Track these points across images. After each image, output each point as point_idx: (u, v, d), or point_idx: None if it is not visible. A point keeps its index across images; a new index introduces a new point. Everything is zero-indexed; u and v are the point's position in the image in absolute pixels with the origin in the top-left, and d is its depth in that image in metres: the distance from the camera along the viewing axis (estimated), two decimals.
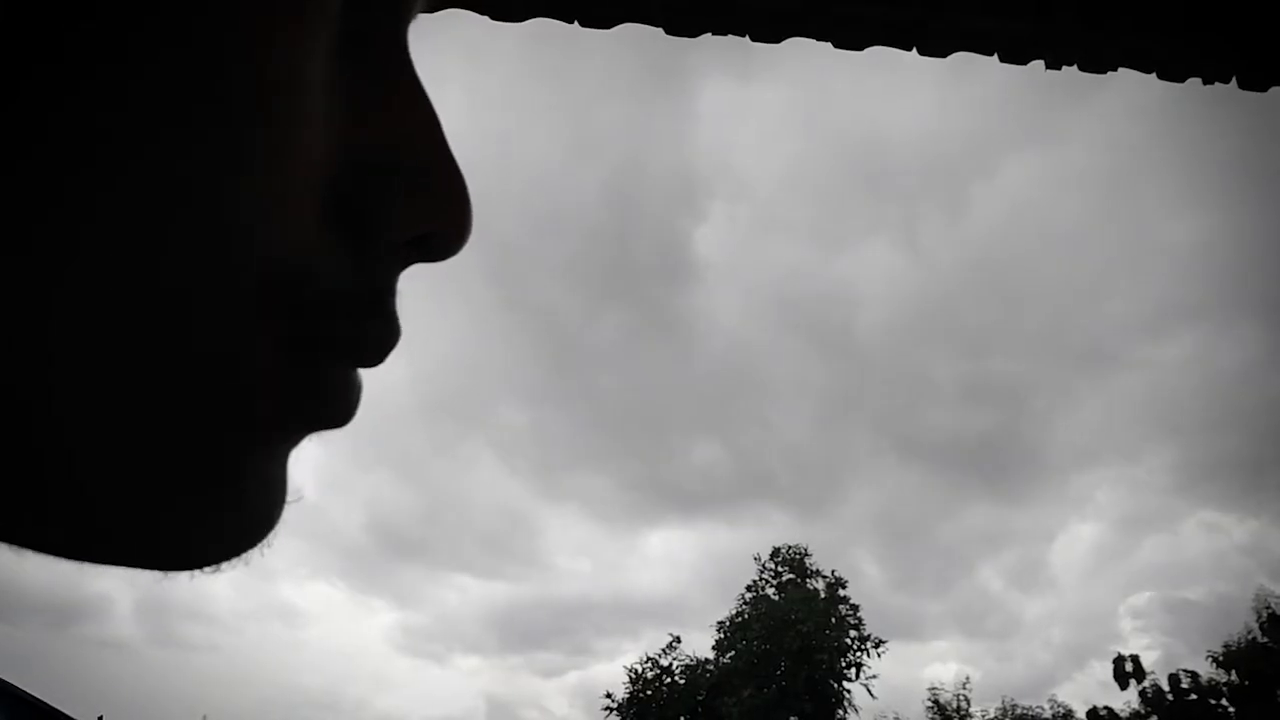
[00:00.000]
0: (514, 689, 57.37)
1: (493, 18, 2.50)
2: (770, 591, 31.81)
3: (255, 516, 0.23)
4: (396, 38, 0.25)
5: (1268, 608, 25.62)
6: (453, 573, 65.77)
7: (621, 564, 62.58)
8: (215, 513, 0.22)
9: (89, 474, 0.20)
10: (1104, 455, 61.69)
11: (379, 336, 0.25)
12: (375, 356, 0.25)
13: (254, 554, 0.24)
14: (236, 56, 0.19)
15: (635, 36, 2.60)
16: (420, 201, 0.25)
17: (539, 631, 60.51)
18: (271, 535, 0.24)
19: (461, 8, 2.43)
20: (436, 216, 0.25)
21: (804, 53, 2.61)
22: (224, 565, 0.24)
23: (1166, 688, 26.50)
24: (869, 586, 52.92)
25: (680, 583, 61.00)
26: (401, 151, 0.24)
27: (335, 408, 0.24)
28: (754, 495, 61.12)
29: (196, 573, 0.23)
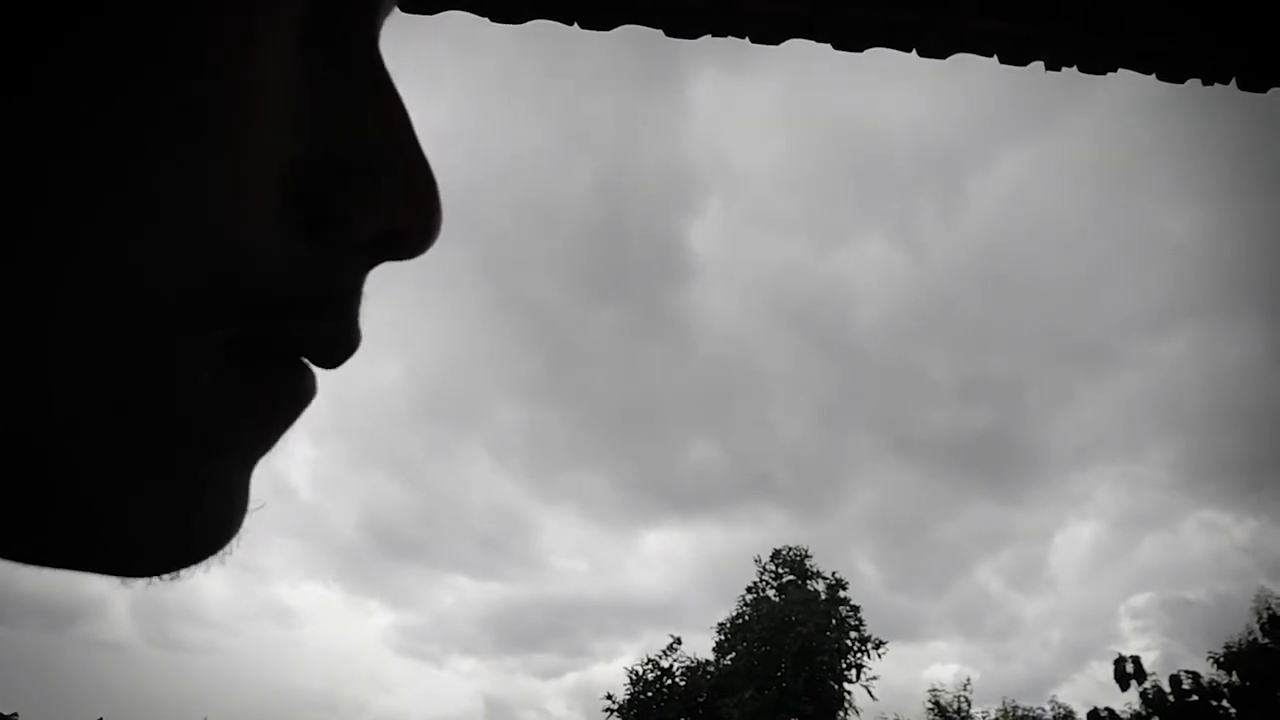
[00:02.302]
0: (512, 690, 57.35)
1: (492, 19, 2.50)
2: (771, 593, 31.78)
3: (211, 526, 0.23)
4: (365, 34, 0.25)
5: (1268, 608, 25.59)
6: (448, 573, 65.90)
7: (618, 564, 62.62)
8: (167, 521, 0.22)
9: (79, 476, 0.20)
10: (1103, 454, 61.74)
11: (335, 338, 0.25)
12: (329, 359, 0.25)
13: (212, 561, 0.24)
14: (199, 47, 0.20)
15: (630, 34, 2.60)
16: (386, 198, 0.25)
17: (536, 632, 60.52)
18: (228, 546, 0.24)
19: (462, 9, 2.43)
20: (403, 213, 0.25)
21: (798, 46, 2.64)
22: (179, 573, 0.24)
23: (1167, 689, 26.48)
24: (866, 587, 52.96)
25: (677, 583, 61.05)
26: (368, 147, 0.24)
27: (279, 416, 0.24)
28: (750, 495, 61.17)
29: (152, 580, 0.23)
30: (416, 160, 0.25)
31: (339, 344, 0.25)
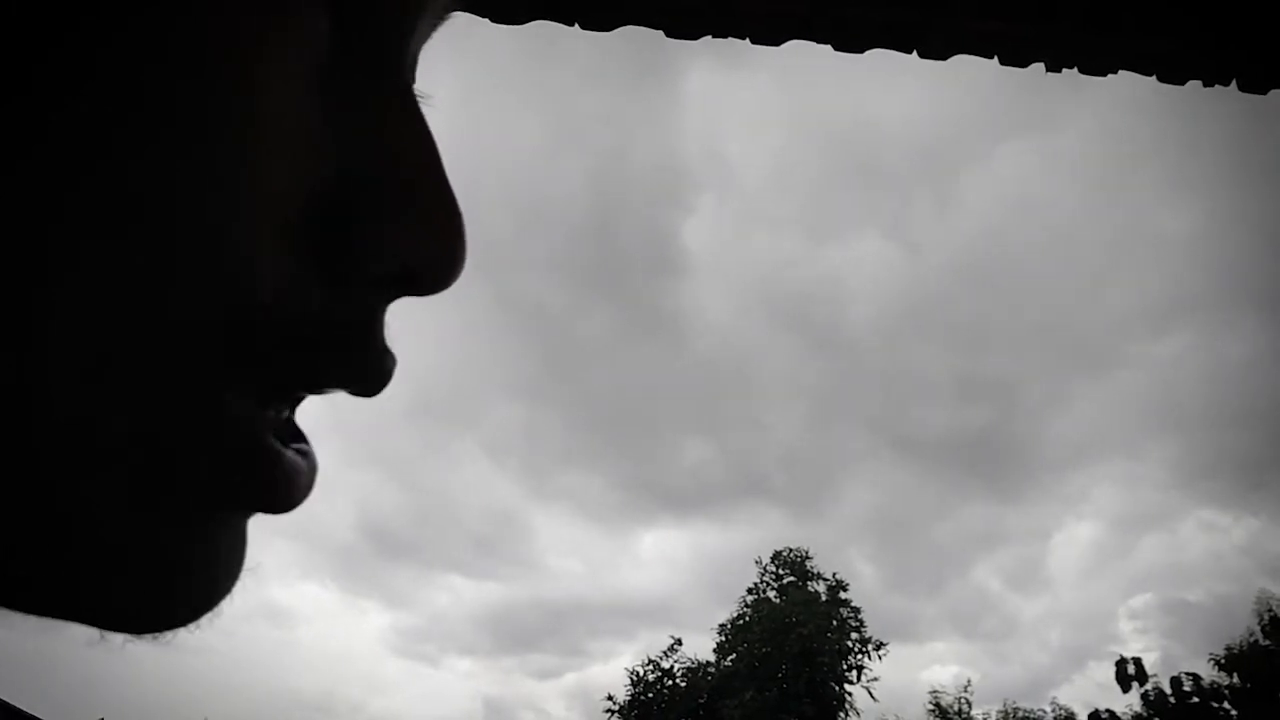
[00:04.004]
0: (510, 691, 57.27)
1: (493, 20, 2.50)
2: (771, 594, 31.80)
3: (200, 587, 0.22)
4: (397, 60, 0.25)
5: (1269, 610, 25.60)
6: (444, 573, 65.58)
7: (614, 564, 62.43)
8: (156, 579, 0.21)
9: (69, 526, 0.19)
10: (1101, 452, 61.61)
11: (369, 368, 0.24)
12: (369, 388, 0.25)
13: (200, 624, 0.23)
14: (209, 71, 0.19)
15: (627, 32, 2.60)
16: (409, 231, 0.24)
17: (532, 633, 60.32)
18: (219, 607, 0.23)
19: (462, 10, 2.43)
20: (424, 248, 0.24)
21: (794, 44, 2.63)
22: (163, 635, 0.22)
23: (1168, 690, 26.49)
24: (864, 587, 52.76)
25: (674, 583, 60.92)
26: (393, 179, 0.23)
27: (276, 494, 0.23)
28: (746, 494, 61.01)
29: (133, 637, 0.22)
30: (442, 195, 0.25)
31: (374, 373, 0.24)
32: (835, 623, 29.87)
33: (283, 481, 0.23)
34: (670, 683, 30.89)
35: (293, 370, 0.22)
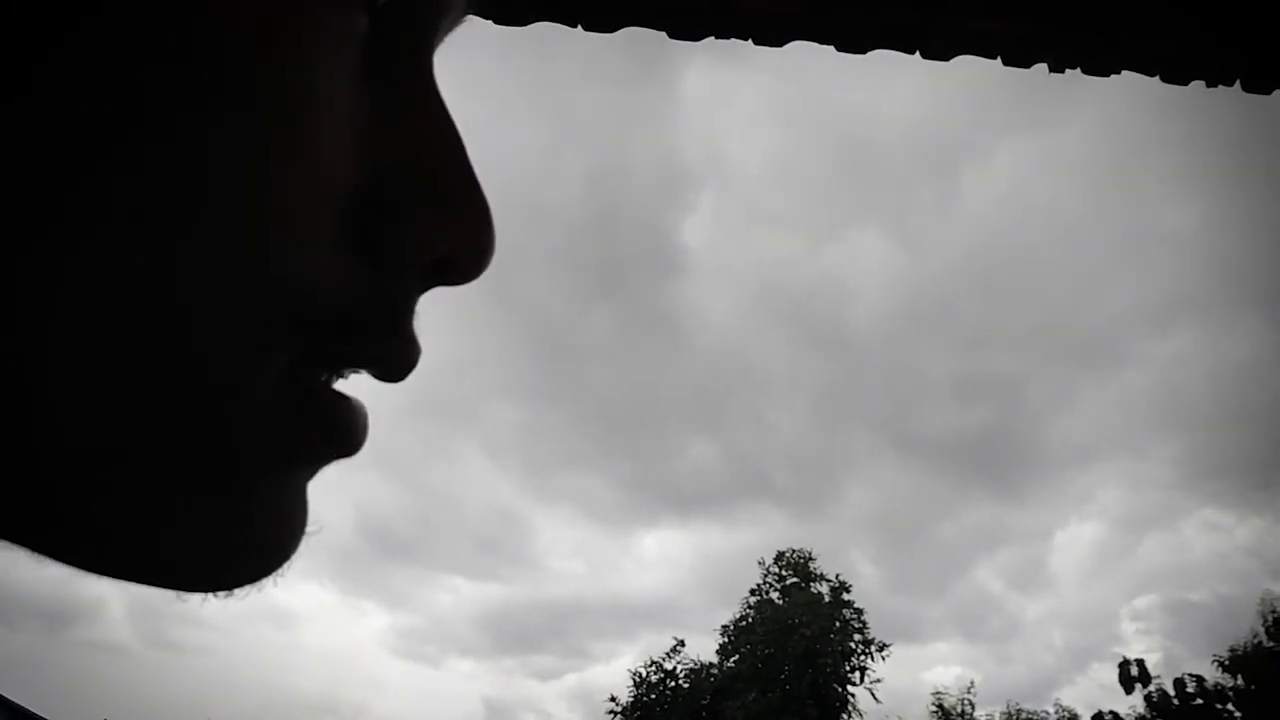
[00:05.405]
0: (512, 692, 57.24)
1: (495, 22, 2.50)
2: (774, 595, 31.77)
3: (267, 545, 0.23)
4: (421, 57, 0.26)
5: (1273, 611, 25.53)
6: (445, 574, 65.65)
7: (616, 565, 62.25)
8: (222, 538, 0.22)
9: (89, 482, 0.19)
10: (1105, 452, 61.44)
11: (397, 354, 0.25)
12: (393, 373, 0.25)
13: (268, 582, 0.24)
14: (248, 67, 0.19)
15: (628, 32, 2.60)
16: (439, 223, 0.25)
17: (534, 634, 60.28)
18: (286, 565, 0.24)
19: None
20: (455, 238, 0.25)
21: (794, 42, 2.62)
22: (235, 592, 0.24)
23: (1171, 692, 26.42)
24: (866, 587, 52.81)
25: (675, 584, 60.79)
26: (422, 172, 0.24)
27: (340, 436, 0.25)
28: (749, 495, 60.92)
29: (209, 596, 0.23)
30: (470, 187, 0.25)
31: (401, 359, 0.25)
32: (838, 624, 29.82)
33: (346, 423, 0.25)
34: (673, 684, 30.86)
35: (330, 350, 0.23)
